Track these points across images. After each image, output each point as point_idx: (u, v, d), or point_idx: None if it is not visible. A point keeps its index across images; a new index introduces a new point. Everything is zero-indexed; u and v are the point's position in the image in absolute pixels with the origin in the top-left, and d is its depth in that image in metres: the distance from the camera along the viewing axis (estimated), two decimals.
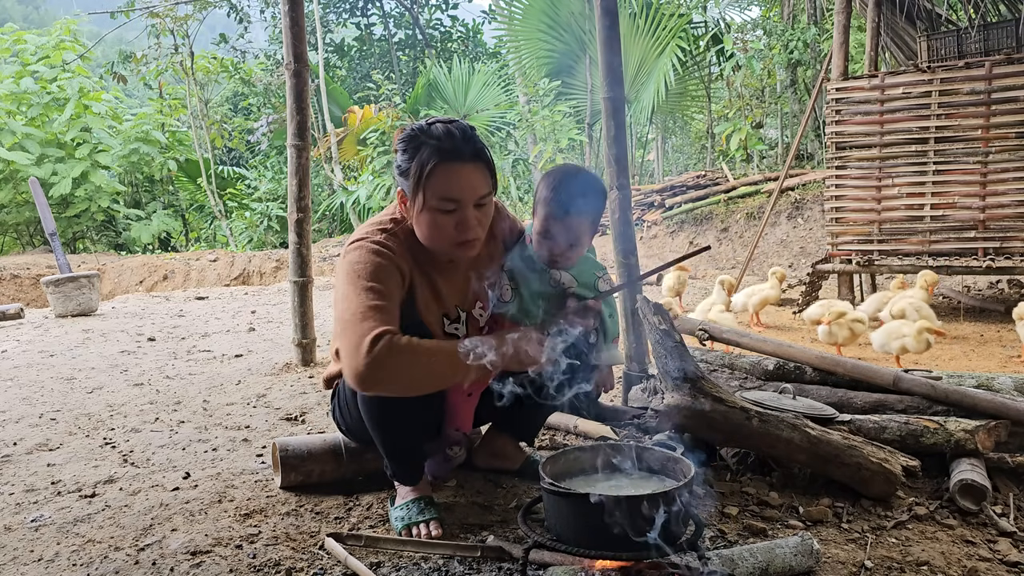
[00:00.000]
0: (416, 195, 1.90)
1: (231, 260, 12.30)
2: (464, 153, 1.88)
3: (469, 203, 1.90)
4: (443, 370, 1.83)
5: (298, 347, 4.43)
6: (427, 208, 1.90)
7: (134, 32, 17.36)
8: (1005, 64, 5.66)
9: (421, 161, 1.87)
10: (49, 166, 15.48)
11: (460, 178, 1.88)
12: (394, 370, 1.78)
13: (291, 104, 4.30)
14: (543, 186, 2.13)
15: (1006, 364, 4.33)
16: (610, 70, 3.31)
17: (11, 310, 7.14)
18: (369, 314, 1.81)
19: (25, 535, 2.10)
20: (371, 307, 1.82)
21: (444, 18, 21.65)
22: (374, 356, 1.75)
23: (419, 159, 1.88)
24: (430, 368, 1.82)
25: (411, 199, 1.93)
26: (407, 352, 1.78)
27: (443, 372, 1.84)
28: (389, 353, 1.76)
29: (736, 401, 2.24)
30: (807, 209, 10.84)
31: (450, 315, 2.11)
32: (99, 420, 3.35)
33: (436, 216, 1.90)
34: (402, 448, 2.09)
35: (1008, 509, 2.16)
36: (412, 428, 2.05)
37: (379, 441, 2.06)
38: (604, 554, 1.56)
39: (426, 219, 1.92)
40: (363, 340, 1.76)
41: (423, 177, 1.87)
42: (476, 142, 1.91)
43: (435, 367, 1.82)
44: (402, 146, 1.93)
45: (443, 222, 1.91)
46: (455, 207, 1.89)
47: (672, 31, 13.42)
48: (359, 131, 15.32)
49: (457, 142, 1.88)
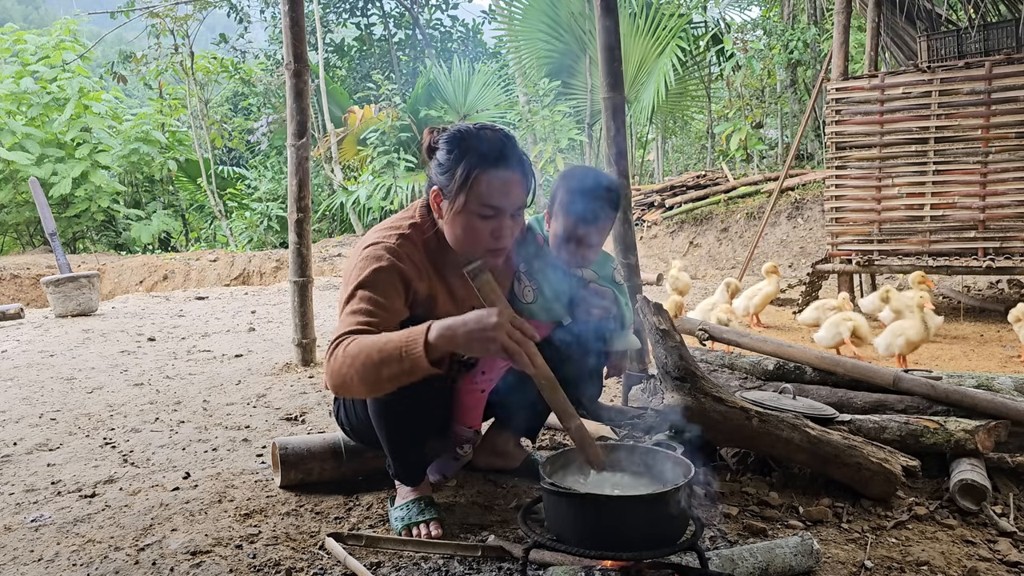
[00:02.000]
0: (457, 196, 1.89)
1: (231, 260, 12.31)
2: (511, 163, 1.90)
3: (508, 212, 1.91)
4: (391, 367, 1.66)
5: (298, 347, 4.43)
6: (466, 211, 1.89)
7: (134, 32, 17.39)
8: (1005, 64, 5.66)
9: (470, 164, 1.87)
10: (49, 166, 15.50)
11: (505, 187, 1.89)
12: (345, 372, 1.71)
13: (291, 104, 4.31)
14: (564, 190, 2.15)
15: (1006, 364, 4.33)
16: (610, 70, 3.31)
17: (11, 310, 7.14)
18: (347, 320, 1.80)
19: (25, 535, 2.10)
20: (352, 312, 1.82)
21: (444, 18, 21.68)
22: (327, 365, 1.76)
23: (467, 161, 1.87)
24: (374, 365, 1.67)
25: (450, 199, 1.92)
26: (353, 351, 1.69)
27: (390, 369, 1.66)
28: (342, 355, 1.71)
29: (736, 401, 2.24)
30: (807, 209, 10.84)
31: None
32: (99, 420, 3.35)
33: (474, 220, 1.90)
34: (408, 448, 2.09)
35: (1008, 509, 2.16)
36: (421, 427, 2.05)
37: (385, 440, 2.05)
38: (604, 554, 1.55)
39: (463, 222, 1.91)
40: (330, 346, 1.78)
41: (469, 180, 1.87)
42: (522, 154, 1.94)
43: (381, 363, 1.66)
44: (448, 145, 1.93)
45: (480, 227, 1.90)
46: (494, 214, 1.89)
47: (672, 31, 13.43)
48: (359, 131, 15.33)
49: (507, 151, 1.90)
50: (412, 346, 1.63)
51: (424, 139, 2.03)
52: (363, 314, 1.80)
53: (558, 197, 2.16)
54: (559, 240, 2.17)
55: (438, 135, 1.98)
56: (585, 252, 2.17)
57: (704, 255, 11.17)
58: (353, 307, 1.83)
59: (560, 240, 2.17)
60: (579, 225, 2.12)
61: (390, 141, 14.81)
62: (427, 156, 2.00)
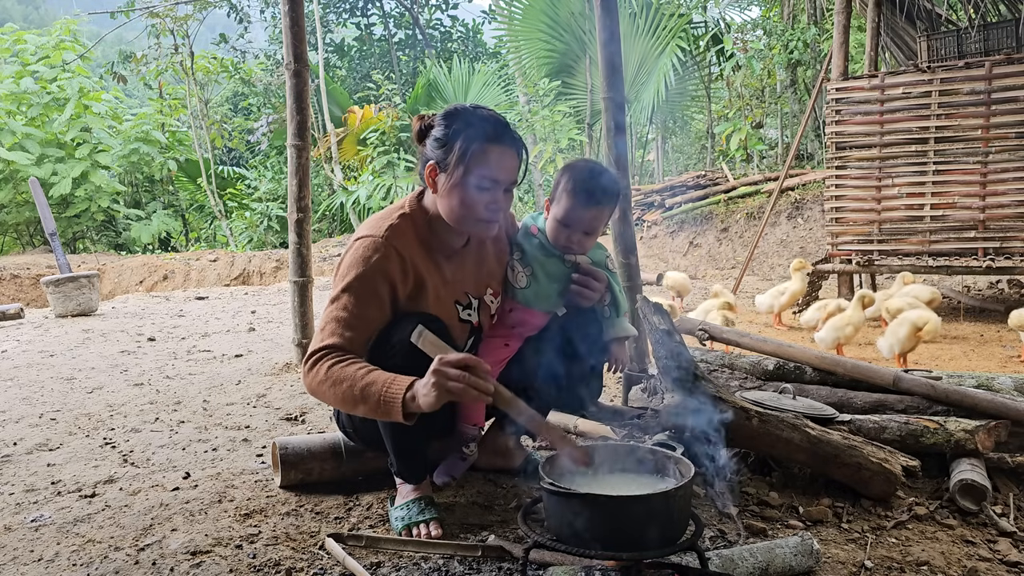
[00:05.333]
0: (456, 168, 1.96)
1: (231, 260, 12.30)
2: (508, 139, 2.00)
3: (503, 185, 2.00)
4: (368, 406, 1.82)
5: (298, 347, 4.43)
6: (463, 183, 1.97)
7: (134, 32, 17.38)
8: (1005, 64, 5.66)
9: (468, 137, 1.95)
10: (49, 166, 15.49)
11: (501, 160, 1.98)
12: (324, 392, 1.88)
13: (291, 104, 4.30)
14: (567, 177, 2.21)
15: (1006, 364, 4.33)
16: (610, 70, 3.31)
17: (11, 310, 7.14)
18: (328, 326, 1.94)
19: (25, 535, 2.10)
20: (334, 318, 1.94)
21: (444, 18, 21.69)
22: (307, 374, 1.91)
23: (466, 135, 1.95)
24: (344, 397, 1.84)
25: (448, 172, 1.98)
26: (328, 378, 1.85)
27: (367, 407, 1.83)
28: (323, 375, 1.86)
29: (736, 401, 2.24)
30: (807, 209, 10.84)
31: (462, 302, 2.16)
32: (99, 420, 3.35)
33: (471, 192, 1.97)
34: (414, 446, 2.10)
35: (1008, 509, 2.16)
36: (427, 427, 2.06)
37: (390, 439, 2.06)
38: (604, 554, 1.55)
39: (459, 193, 1.98)
40: (307, 353, 1.92)
41: (468, 152, 1.95)
42: (515, 133, 2.05)
43: (361, 399, 1.82)
44: (446, 121, 2.00)
45: (476, 199, 1.97)
46: (490, 186, 1.98)
47: (672, 31, 13.43)
48: (359, 131, 15.33)
49: (504, 129, 2.01)
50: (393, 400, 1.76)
51: (414, 124, 2.08)
52: (342, 324, 1.92)
53: (561, 183, 2.22)
54: (558, 224, 2.20)
55: (429, 119, 2.06)
56: (582, 239, 2.21)
57: (704, 255, 11.17)
58: (335, 312, 1.95)
59: (559, 224, 2.20)
60: (579, 209, 2.16)
61: (390, 141, 14.81)
62: (418, 140, 2.06)
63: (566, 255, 2.23)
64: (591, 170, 2.23)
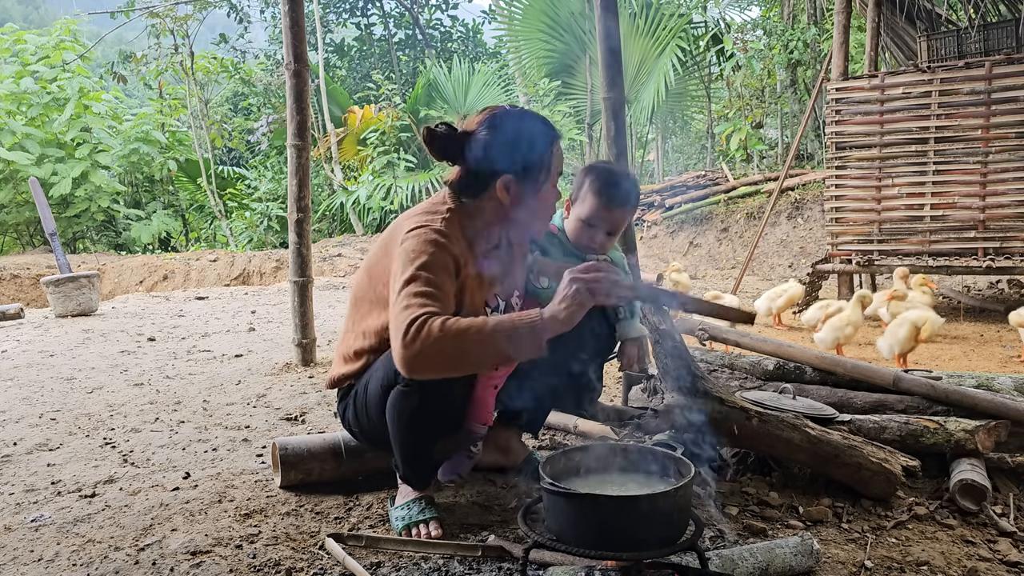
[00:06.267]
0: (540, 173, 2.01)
1: (231, 260, 12.30)
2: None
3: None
4: (484, 347, 1.73)
5: (298, 347, 4.43)
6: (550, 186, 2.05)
7: (134, 32, 17.38)
8: (1005, 64, 5.66)
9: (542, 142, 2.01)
10: (49, 166, 15.49)
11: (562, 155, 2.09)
12: (432, 354, 1.73)
13: (291, 104, 4.30)
14: (592, 177, 2.25)
15: (1006, 364, 4.33)
16: (610, 70, 3.30)
17: (11, 310, 7.13)
18: (413, 300, 1.80)
19: (25, 535, 2.10)
20: (418, 293, 1.81)
21: (444, 18, 21.67)
22: (413, 341, 1.73)
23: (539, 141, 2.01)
24: (469, 347, 1.73)
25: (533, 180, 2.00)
26: (445, 333, 1.72)
27: (484, 349, 1.73)
28: (427, 336, 1.72)
29: (736, 401, 2.24)
30: (807, 209, 10.84)
31: (491, 304, 2.14)
32: (99, 420, 3.35)
33: (552, 192, 2.05)
34: (422, 452, 2.09)
35: (1008, 509, 2.16)
36: (440, 429, 2.06)
37: (399, 443, 2.04)
38: (604, 554, 1.55)
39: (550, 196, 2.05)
40: (403, 326, 1.75)
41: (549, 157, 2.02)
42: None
43: (475, 344, 1.72)
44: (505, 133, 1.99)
45: (553, 197, 2.07)
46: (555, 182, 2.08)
47: (672, 31, 13.44)
48: (359, 131, 15.32)
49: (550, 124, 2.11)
50: (534, 323, 1.71)
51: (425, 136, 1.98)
52: (429, 296, 1.81)
53: (586, 183, 2.24)
54: (582, 224, 2.24)
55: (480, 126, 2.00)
56: (604, 239, 2.24)
57: (704, 255, 11.18)
58: (416, 288, 1.82)
59: (584, 224, 2.24)
60: (605, 209, 2.20)
61: (390, 141, 14.80)
62: (459, 150, 1.99)
63: (587, 255, 2.25)
64: (615, 171, 2.27)
